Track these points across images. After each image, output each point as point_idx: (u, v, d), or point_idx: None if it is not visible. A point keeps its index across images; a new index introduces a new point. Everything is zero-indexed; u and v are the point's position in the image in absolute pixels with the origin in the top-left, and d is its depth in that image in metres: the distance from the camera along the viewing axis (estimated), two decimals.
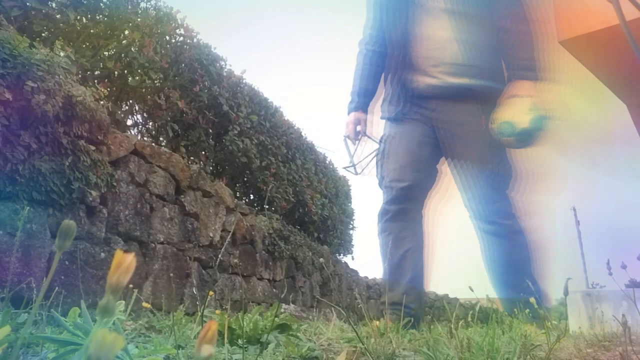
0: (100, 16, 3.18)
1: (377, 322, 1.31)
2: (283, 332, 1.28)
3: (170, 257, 3.01)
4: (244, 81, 4.47)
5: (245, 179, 4.60)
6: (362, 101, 2.31)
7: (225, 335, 1.03)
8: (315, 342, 1.19)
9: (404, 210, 2.09)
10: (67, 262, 2.23)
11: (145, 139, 3.90)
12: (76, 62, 2.56)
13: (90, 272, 2.36)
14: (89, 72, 3.24)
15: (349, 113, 2.33)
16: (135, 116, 3.96)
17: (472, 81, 2.06)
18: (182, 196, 3.24)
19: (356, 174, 2.29)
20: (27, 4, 2.69)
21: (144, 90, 3.64)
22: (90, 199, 2.38)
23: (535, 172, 2.10)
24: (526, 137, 1.91)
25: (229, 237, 3.69)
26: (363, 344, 1.08)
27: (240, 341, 1.12)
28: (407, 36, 2.11)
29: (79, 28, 3.14)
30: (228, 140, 4.07)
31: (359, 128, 2.30)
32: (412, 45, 2.12)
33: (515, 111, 1.89)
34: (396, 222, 2.09)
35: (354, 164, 2.33)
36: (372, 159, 2.29)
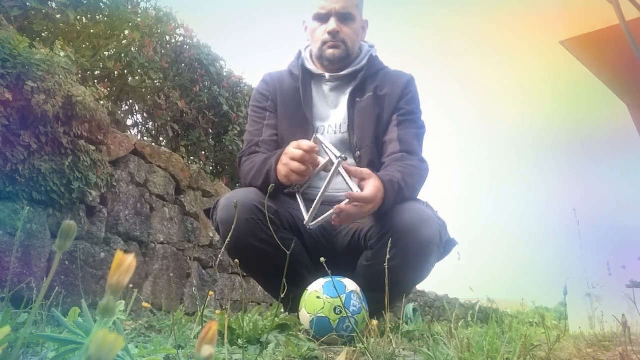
0: (100, 16, 3.18)
1: (377, 322, 1.31)
2: (283, 332, 1.28)
3: (170, 257, 3.01)
4: (244, 81, 4.47)
5: None
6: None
7: (225, 335, 1.03)
8: (315, 342, 1.19)
9: None
10: (67, 262, 2.23)
11: (145, 139, 3.90)
12: (76, 62, 2.56)
13: (90, 272, 2.36)
14: (89, 72, 3.24)
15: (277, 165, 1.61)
16: (135, 116, 3.97)
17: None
18: (182, 196, 3.24)
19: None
20: (27, 4, 2.69)
21: (144, 90, 3.64)
22: (90, 199, 2.39)
23: None
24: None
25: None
26: (363, 344, 1.08)
27: (240, 341, 1.12)
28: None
29: (79, 28, 3.14)
30: (228, 140, 4.08)
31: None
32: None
33: (311, 302, 1.39)
34: None
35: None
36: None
